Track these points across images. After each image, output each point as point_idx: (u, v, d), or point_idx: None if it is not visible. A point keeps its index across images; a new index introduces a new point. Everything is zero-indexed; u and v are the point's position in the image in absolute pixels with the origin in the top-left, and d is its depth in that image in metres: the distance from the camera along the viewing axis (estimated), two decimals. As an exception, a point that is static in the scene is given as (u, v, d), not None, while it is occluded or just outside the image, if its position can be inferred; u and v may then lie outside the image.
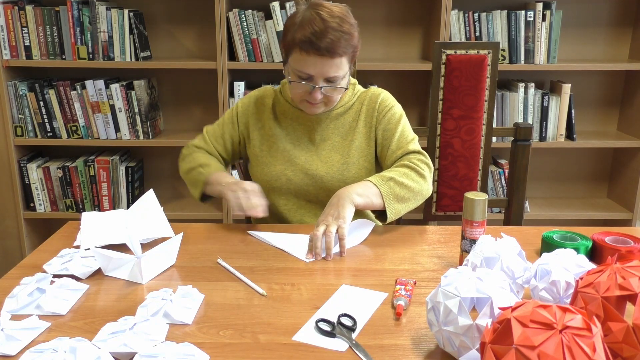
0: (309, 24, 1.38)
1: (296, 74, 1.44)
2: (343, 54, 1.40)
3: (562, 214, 2.71)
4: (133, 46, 2.47)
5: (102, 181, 2.61)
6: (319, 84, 1.43)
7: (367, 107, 1.59)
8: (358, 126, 1.58)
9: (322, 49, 1.37)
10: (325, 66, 1.40)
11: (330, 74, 1.42)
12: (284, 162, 1.56)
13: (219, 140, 1.65)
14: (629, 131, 2.73)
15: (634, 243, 1.26)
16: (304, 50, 1.39)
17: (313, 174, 1.55)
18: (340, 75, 1.44)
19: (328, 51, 1.38)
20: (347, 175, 1.54)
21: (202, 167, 1.57)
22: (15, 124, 2.53)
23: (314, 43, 1.37)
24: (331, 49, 1.37)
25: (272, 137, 1.58)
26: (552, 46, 2.52)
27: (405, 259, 1.30)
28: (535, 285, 1.02)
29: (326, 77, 1.43)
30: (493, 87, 1.86)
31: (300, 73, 1.43)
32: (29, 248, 2.66)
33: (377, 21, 2.67)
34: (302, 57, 1.40)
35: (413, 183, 1.44)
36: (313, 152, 1.57)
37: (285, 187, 1.56)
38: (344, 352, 0.93)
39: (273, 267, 1.25)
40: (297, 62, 1.42)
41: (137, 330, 0.94)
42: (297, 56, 1.41)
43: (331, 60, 1.39)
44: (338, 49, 1.38)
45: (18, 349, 0.93)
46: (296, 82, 1.45)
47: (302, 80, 1.44)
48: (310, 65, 1.40)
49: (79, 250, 1.26)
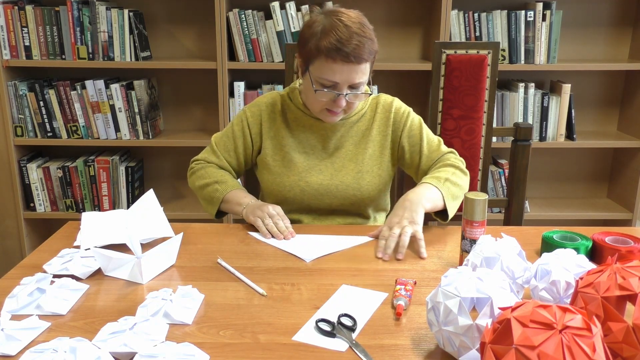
0: (332, 31, 1.36)
1: (320, 83, 1.42)
2: (368, 58, 1.40)
3: (562, 214, 2.71)
4: (133, 46, 2.47)
5: (102, 181, 2.61)
6: (344, 91, 1.41)
7: (380, 115, 1.58)
8: (371, 134, 1.57)
9: (350, 55, 1.36)
10: (352, 72, 1.39)
11: (355, 80, 1.40)
12: (298, 173, 1.54)
13: (232, 154, 1.60)
14: (629, 131, 2.74)
15: (634, 243, 1.26)
16: (330, 57, 1.37)
17: (327, 184, 1.54)
18: (364, 81, 1.43)
19: (355, 57, 1.37)
20: (362, 183, 1.54)
21: (218, 184, 1.54)
22: (15, 124, 2.53)
23: (341, 50, 1.35)
24: (357, 54, 1.37)
25: (285, 146, 1.55)
26: (552, 46, 2.52)
27: (405, 259, 1.30)
28: (535, 285, 1.02)
29: (351, 84, 1.41)
30: (493, 87, 1.86)
31: (326, 81, 1.41)
32: (29, 248, 2.66)
33: (377, 21, 2.67)
34: (328, 65, 1.38)
35: (462, 181, 1.50)
36: (327, 161, 1.55)
37: (299, 197, 1.54)
38: (344, 352, 0.93)
39: (273, 267, 1.25)
40: (322, 71, 1.40)
41: (137, 330, 0.94)
42: (323, 64, 1.39)
43: (357, 67, 1.38)
44: (364, 54, 1.38)
45: (18, 349, 0.93)
46: (321, 91, 1.42)
47: (325, 89, 1.42)
48: (337, 72, 1.38)
49: (79, 250, 1.26)
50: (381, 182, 1.57)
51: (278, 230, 1.40)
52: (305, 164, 1.54)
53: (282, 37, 2.46)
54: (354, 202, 1.55)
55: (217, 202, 1.52)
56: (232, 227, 1.49)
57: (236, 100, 2.53)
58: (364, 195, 1.54)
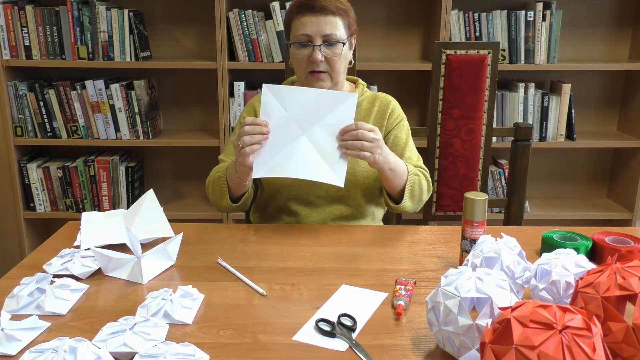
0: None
1: (297, 42, 1.48)
2: (336, 13, 1.46)
3: (562, 214, 2.71)
4: (133, 46, 2.47)
5: (102, 181, 2.61)
6: (317, 43, 1.46)
7: (378, 108, 1.60)
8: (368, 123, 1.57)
9: (315, 7, 1.44)
10: (321, 24, 1.45)
11: (326, 31, 1.45)
12: None
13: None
14: (629, 131, 2.74)
15: (634, 243, 1.26)
16: (300, 13, 1.46)
17: None
18: (337, 35, 1.46)
19: (320, 8, 1.44)
20: (357, 169, 1.54)
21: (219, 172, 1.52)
22: (15, 124, 2.53)
23: (307, 4, 1.45)
24: (322, 5, 1.45)
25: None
26: (552, 46, 2.52)
27: (405, 259, 1.30)
28: (535, 285, 1.02)
29: (323, 35, 1.46)
30: (493, 87, 1.86)
31: (299, 37, 1.47)
32: (29, 248, 2.66)
33: (377, 21, 2.67)
34: (299, 20, 1.47)
35: (424, 189, 1.53)
36: None
37: (296, 183, 1.54)
38: (344, 352, 0.93)
39: (273, 267, 1.25)
40: (295, 29, 1.48)
41: (137, 330, 0.94)
42: (295, 23, 1.48)
43: (325, 17, 1.45)
44: (329, 6, 1.45)
45: (18, 349, 0.93)
46: (297, 49, 1.48)
47: (302, 46, 1.47)
48: (306, 25, 1.45)
49: (79, 250, 1.26)
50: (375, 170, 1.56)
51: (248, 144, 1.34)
52: None
53: (282, 37, 2.46)
54: (350, 189, 1.54)
55: (224, 184, 1.48)
56: (232, 227, 1.49)
57: (236, 100, 2.53)
58: (359, 181, 1.54)
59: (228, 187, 1.49)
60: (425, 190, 1.53)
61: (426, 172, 1.58)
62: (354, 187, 1.55)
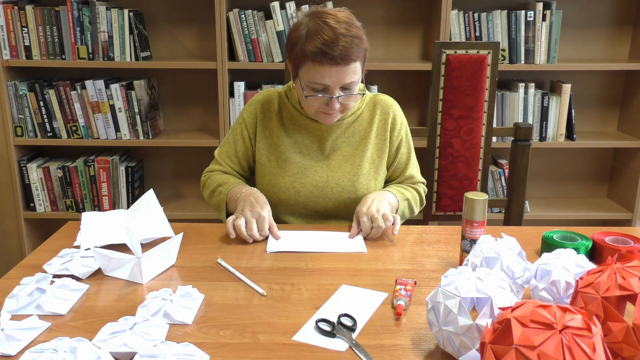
0: (317, 34, 1.34)
1: (310, 87, 1.40)
2: (356, 58, 1.37)
3: (562, 214, 2.71)
4: (133, 46, 2.47)
5: (102, 181, 2.61)
6: (336, 94, 1.39)
7: (380, 117, 1.57)
8: (370, 137, 1.56)
9: (336, 58, 1.33)
10: (341, 74, 1.36)
11: (346, 80, 1.38)
12: (293, 174, 1.53)
13: (233, 159, 1.60)
14: (629, 131, 2.73)
15: (634, 243, 1.26)
16: (317, 61, 1.35)
17: (323, 186, 1.53)
18: (355, 81, 1.40)
19: (342, 59, 1.34)
20: (358, 186, 1.53)
21: (221, 186, 1.53)
22: (15, 124, 2.53)
23: (327, 53, 1.33)
24: (345, 56, 1.34)
25: (280, 146, 1.54)
26: (552, 46, 2.52)
27: (405, 259, 1.30)
28: (535, 285, 1.02)
29: (342, 85, 1.39)
30: (493, 87, 1.86)
31: (316, 85, 1.39)
32: (29, 248, 2.66)
33: (377, 21, 2.67)
34: (316, 69, 1.36)
35: (416, 209, 1.62)
36: (323, 162, 1.54)
37: (294, 198, 1.53)
38: (344, 352, 0.93)
39: (273, 267, 1.25)
40: (310, 75, 1.38)
41: (137, 330, 0.94)
42: (310, 68, 1.37)
43: (346, 67, 1.36)
44: (351, 54, 1.35)
45: (18, 349, 0.93)
46: (312, 96, 1.41)
47: (318, 93, 1.40)
48: (325, 75, 1.36)
49: (79, 250, 1.26)
50: (377, 186, 1.56)
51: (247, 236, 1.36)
52: (301, 164, 1.53)
53: (282, 37, 2.46)
54: (348, 206, 1.54)
55: (223, 204, 1.52)
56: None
57: (236, 100, 2.53)
58: (359, 199, 1.50)
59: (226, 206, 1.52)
60: (416, 208, 1.61)
61: (422, 184, 1.64)
62: (353, 205, 1.51)
